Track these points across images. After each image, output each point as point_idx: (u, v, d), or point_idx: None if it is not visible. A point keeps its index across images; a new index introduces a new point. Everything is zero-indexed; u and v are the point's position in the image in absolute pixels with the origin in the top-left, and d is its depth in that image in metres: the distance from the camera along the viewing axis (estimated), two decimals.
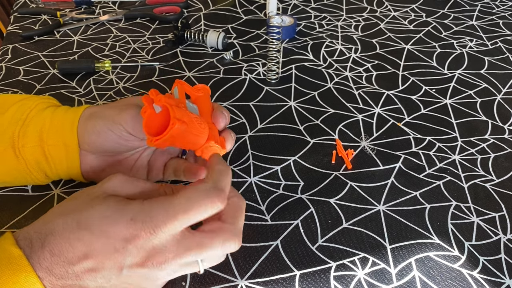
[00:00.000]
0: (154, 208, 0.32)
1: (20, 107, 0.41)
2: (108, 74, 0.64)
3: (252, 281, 0.39)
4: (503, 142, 0.54)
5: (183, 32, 0.69)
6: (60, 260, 0.30)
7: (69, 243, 0.31)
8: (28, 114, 0.40)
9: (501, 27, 0.77)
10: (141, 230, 0.31)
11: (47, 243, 0.31)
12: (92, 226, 0.31)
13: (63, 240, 0.31)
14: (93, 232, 0.31)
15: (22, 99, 0.42)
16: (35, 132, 0.40)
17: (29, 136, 0.39)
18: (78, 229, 0.31)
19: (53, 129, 0.40)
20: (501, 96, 0.61)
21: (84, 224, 0.31)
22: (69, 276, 0.31)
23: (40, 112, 0.41)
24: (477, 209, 0.45)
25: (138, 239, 0.31)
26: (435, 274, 0.39)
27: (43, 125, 0.40)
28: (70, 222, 0.32)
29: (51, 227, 0.31)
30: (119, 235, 0.31)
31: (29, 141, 0.39)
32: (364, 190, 0.47)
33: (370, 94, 0.61)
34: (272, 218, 0.44)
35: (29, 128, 0.40)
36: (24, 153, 0.39)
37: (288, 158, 0.50)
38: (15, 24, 0.75)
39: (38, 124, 0.40)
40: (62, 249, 0.31)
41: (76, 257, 0.31)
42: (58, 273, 0.30)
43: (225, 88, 0.61)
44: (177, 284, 0.38)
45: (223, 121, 0.41)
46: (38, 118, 0.40)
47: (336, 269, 0.40)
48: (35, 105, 0.41)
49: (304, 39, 0.72)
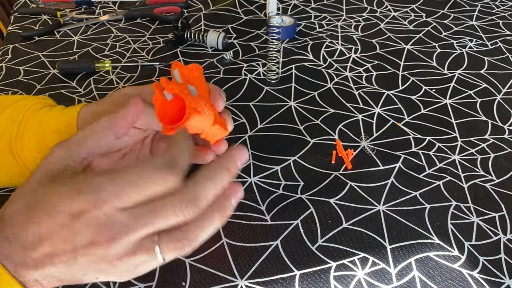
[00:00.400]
0: (98, 180, 0.30)
1: (15, 108, 0.41)
2: (108, 74, 0.64)
3: (252, 281, 0.39)
4: (503, 142, 0.54)
5: (183, 32, 0.69)
6: (17, 245, 0.29)
7: (21, 225, 0.30)
8: (24, 114, 0.40)
9: (501, 27, 0.77)
10: (86, 204, 0.29)
11: (1, 230, 0.30)
12: (39, 204, 0.30)
13: (15, 224, 0.30)
14: (41, 209, 0.30)
15: (18, 100, 0.42)
16: (32, 134, 0.39)
17: (26, 139, 0.39)
18: (28, 210, 0.30)
19: (50, 130, 0.40)
20: (501, 96, 0.61)
21: (32, 204, 0.30)
22: (30, 263, 0.30)
23: (36, 112, 0.41)
24: (477, 209, 0.45)
25: (85, 214, 0.29)
26: (435, 274, 0.39)
27: (40, 126, 0.40)
28: (19, 205, 0.31)
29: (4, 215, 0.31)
30: (65, 211, 0.29)
31: (27, 143, 0.39)
32: (364, 190, 0.47)
33: (370, 94, 0.61)
34: (272, 218, 0.44)
35: (26, 131, 0.39)
36: (23, 156, 0.39)
37: (288, 158, 0.51)
38: (15, 24, 0.75)
39: (34, 125, 0.40)
40: (16, 232, 0.30)
41: (30, 241, 0.29)
42: (18, 260, 0.29)
43: (225, 88, 0.61)
44: (177, 284, 0.38)
45: (222, 103, 0.40)
46: (34, 119, 0.40)
47: (336, 269, 0.40)
48: (31, 105, 0.41)
49: (304, 39, 0.72)
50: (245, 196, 0.46)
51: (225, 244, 0.42)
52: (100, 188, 0.29)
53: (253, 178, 0.48)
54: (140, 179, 0.29)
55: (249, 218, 0.44)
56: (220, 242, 0.42)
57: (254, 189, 0.47)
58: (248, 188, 0.47)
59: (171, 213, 0.30)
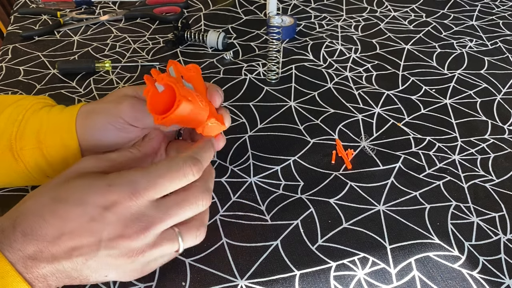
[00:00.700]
0: (132, 174, 0.32)
1: (15, 108, 0.41)
2: (108, 74, 0.64)
3: (252, 281, 0.39)
4: (503, 142, 0.54)
5: (183, 32, 0.69)
6: (32, 239, 0.30)
7: (42, 218, 0.30)
8: (24, 114, 0.40)
9: (501, 27, 0.77)
10: (119, 195, 0.31)
11: (18, 224, 0.30)
12: (68, 198, 0.31)
13: (35, 217, 0.30)
14: (68, 202, 0.31)
15: (18, 99, 0.42)
16: (32, 134, 0.39)
17: (26, 138, 0.39)
18: (53, 203, 0.31)
19: (50, 130, 0.40)
20: (501, 96, 0.61)
21: (59, 198, 0.31)
22: (45, 256, 0.30)
23: (36, 112, 0.41)
24: (477, 209, 0.45)
25: (117, 205, 0.31)
26: (435, 274, 0.39)
27: (40, 126, 0.40)
28: (44, 199, 0.31)
29: (22, 209, 0.31)
30: (96, 203, 0.30)
31: (27, 143, 0.39)
32: (364, 190, 0.47)
33: (370, 94, 0.61)
34: (272, 218, 0.44)
35: (26, 130, 0.39)
36: (23, 156, 0.39)
37: (288, 158, 0.51)
38: (15, 24, 0.75)
39: (34, 125, 0.40)
40: (35, 226, 0.30)
41: (50, 235, 0.30)
42: (31, 253, 0.30)
43: (225, 88, 0.61)
44: (177, 284, 0.38)
45: (219, 99, 0.41)
46: (34, 118, 0.40)
47: (336, 269, 0.40)
48: (31, 105, 0.41)
49: (304, 39, 0.72)
50: (245, 196, 0.46)
51: (225, 244, 0.42)
52: (134, 180, 0.31)
53: (253, 178, 0.48)
54: (171, 171, 0.33)
55: (249, 218, 0.44)
56: (220, 242, 0.42)
57: (254, 189, 0.47)
58: (248, 188, 0.47)
59: (194, 205, 0.34)
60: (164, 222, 0.33)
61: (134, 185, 0.31)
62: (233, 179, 0.48)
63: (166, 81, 0.34)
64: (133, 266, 0.33)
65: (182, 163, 0.33)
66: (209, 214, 0.44)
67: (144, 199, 0.32)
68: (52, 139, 0.39)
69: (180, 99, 0.33)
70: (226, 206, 0.45)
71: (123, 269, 0.33)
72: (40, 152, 0.40)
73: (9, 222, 0.31)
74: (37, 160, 0.40)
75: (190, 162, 0.33)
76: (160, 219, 0.32)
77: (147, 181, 0.32)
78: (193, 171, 0.33)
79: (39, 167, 0.40)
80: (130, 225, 0.31)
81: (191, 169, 0.33)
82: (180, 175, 0.33)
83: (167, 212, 0.33)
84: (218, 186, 0.46)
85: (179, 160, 0.33)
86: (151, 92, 0.35)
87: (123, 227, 0.31)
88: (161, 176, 0.32)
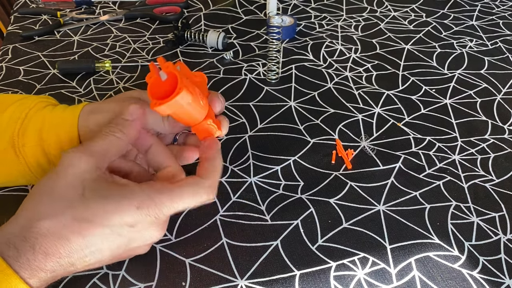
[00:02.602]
0: (158, 195, 0.34)
1: (18, 106, 0.41)
2: (108, 74, 0.64)
3: (252, 281, 0.39)
4: (503, 142, 0.54)
5: (183, 32, 0.69)
6: (55, 258, 0.31)
7: (67, 239, 0.31)
8: (27, 113, 0.40)
9: (501, 27, 0.77)
10: (146, 215, 0.33)
11: (39, 246, 0.30)
12: (93, 219, 0.31)
13: (59, 240, 0.31)
14: (93, 222, 0.31)
15: (21, 98, 0.42)
16: (35, 132, 0.39)
17: (28, 135, 0.39)
18: (76, 224, 0.31)
19: (53, 128, 0.40)
20: (501, 96, 0.61)
21: (82, 218, 0.31)
22: (63, 267, 0.31)
23: (39, 111, 0.41)
24: (477, 209, 0.45)
25: (142, 224, 0.33)
26: (435, 274, 0.39)
27: (43, 124, 0.40)
28: (65, 219, 0.31)
29: (40, 230, 0.31)
30: (124, 223, 0.32)
31: (29, 140, 0.39)
32: (364, 190, 0.47)
33: (370, 94, 0.61)
34: (272, 218, 0.44)
35: (28, 127, 0.40)
36: (24, 153, 0.39)
37: (288, 158, 0.51)
38: (15, 24, 0.75)
39: (37, 123, 0.40)
40: (58, 246, 0.31)
41: (73, 249, 0.31)
42: (49, 268, 0.30)
43: (225, 88, 0.61)
44: (177, 284, 0.38)
45: (219, 105, 0.41)
46: (37, 117, 0.40)
47: (336, 269, 0.40)
48: (34, 104, 0.41)
49: (304, 39, 0.72)
50: (245, 196, 0.46)
51: (225, 244, 0.42)
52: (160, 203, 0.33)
53: (253, 178, 0.48)
54: (194, 199, 0.35)
55: (249, 218, 0.44)
56: (220, 242, 0.42)
57: (254, 189, 0.47)
58: (248, 188, 0.47)
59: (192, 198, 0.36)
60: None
61: (160, 208, 0.33)
62: (233, 179, 0.48)
63: (171, 69, 0.34)
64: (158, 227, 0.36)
65: (205, 196, 0.35)
66: (209, 215, 0.44)
67: (165, 215, 0.35)
68: (54, 137, 0.40)
69: (181, 87, 0.33)
70: (226, 206, 0.45)
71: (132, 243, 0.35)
72: (41, 150, 0.40)
73: (28, 244, 0.30)
74: (38, 158, 0.40)
75: (211, 193, 0.36)
76: None
77: (170, 205, 0.34)
78: (211, 198, 0.36)
79: (40, 166, 0.40)
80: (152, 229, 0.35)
81: (209, 198, 0.36)
82: (199, 202, 0.35)
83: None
84: (218, 186, 0.46)
85: (203, 192, 0.35)
86: (154, 78, 0.35)
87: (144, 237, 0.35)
88: (184, 202, 0.34)
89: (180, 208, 0.34)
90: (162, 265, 0.40)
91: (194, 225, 0.42)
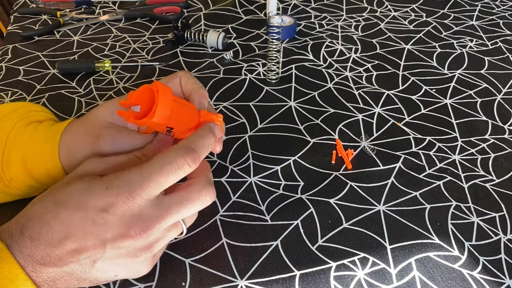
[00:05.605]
0: (127, 174, 0.32)
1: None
2: (108, 74, 0.64)
3: (252, 281, 0.39)
4: (503, 142, 0.54)
5: (183, 32, 0.69)
6: (40, 244, 0.30)
7: (47, 224, 0.30)
8: (6, 140, 0.38)
9: (501, 27, 0.77)
10: (116, 196, 0.31)
11: (26, 229, 0.30)
12: (68, 202, 0.31)
13: (41, 223, 0.30)
14: (69, 206, 0.31)
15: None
16: (18, 163, 0.38)
17: (13, 168, 0.38)
18: (55, 207, 0.31)
19: (35, 161, 0.39)
20: (501, 96, 0.61)
21: (60, 201, 0.31)
22: (52, 260, 0.30)
23: (18, 136, 0.39)
24: (477, 209, 0.45)
25: (115, 206, 0.31)
26: (435, 274, 0.39)
27: (24, 155, 0.38)
28: (47, 203, 0.31)
29: (29, 214, 0.31)
30: (96, 206, 0.31)
31: (15, 172, 0.38)
32: (364, 190, 0.47)
33: (370, 94, 0.61)
34: (272, 218, 0.44)
35: (10, 158, 0.38)
36: (14, 183, 0.39)
37: (288, 158, 0.50)
38: (15, 24, 0.75)
39: (18, 153, 0.38)
40: (41, 231, 0.30)
41: (56, 239, 0.30)
42: (39, 258, 0.30)
43: (225, 88, 0.61)
44: (177, 284, 0.38)
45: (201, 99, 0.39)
46: (17, 146, 0.39)
47: (336, 269, 0.40)
48: (12, 126, 0.39)
49: (304, 39, 0.72)
50: (245, 196, 0.46)
51: (225, 244, 0.41)
52: (129, 180, 0.31)
53: (253, 178, 0.48)
54: (164, 165, 0.31)
55: (249, 218, 0.44)
56: (220, 242, 0.42)
57: (254, 189, 0.47)
58: (248, 188, 0.47)
59: (198, 201, 0.34)
60: (166, 220, 0.33)
61: (130, 185, 0.31)
62: (233, 179, 0.48)
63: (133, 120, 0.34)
64: (142, 261, 0.34)
65: (174, 155, 0.32)
66: (209, 215, 0.44)
67: (143, 198, 0.31)
68: (39, 168, 0.39)
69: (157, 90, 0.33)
70: (226, 206, 0.45)
71: (132, 267, 0.33)
72: (30, 176, 0.39)
73: (17, 227, 0.31)
74: (29, 183, 0.39)
75: (182, 152, 0.32)
76: (161, 217, 0.32)
77: (141, 179, 0.31)
78: (188, 162, 0.32)
79: (32, 188, 0.40)
80: (132, 225, 0.31)
81: (184, 160, 0.32)
82: (174, 167, 0.32)
83: (168, 211, 0.33)
84: (218, 186, 0.46)
85: (171, 153, 0.32)
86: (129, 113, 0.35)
87: (126, 227, 0.31)
88: (155, 172, 0.31)
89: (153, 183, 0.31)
90: (162, 265, 0.40)
91: (194, 225, 0.42)
